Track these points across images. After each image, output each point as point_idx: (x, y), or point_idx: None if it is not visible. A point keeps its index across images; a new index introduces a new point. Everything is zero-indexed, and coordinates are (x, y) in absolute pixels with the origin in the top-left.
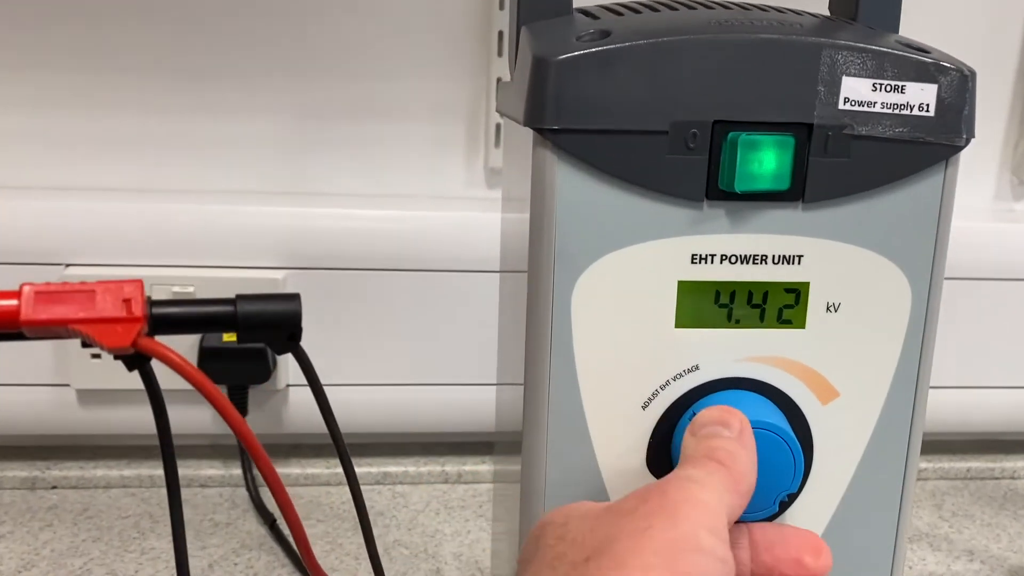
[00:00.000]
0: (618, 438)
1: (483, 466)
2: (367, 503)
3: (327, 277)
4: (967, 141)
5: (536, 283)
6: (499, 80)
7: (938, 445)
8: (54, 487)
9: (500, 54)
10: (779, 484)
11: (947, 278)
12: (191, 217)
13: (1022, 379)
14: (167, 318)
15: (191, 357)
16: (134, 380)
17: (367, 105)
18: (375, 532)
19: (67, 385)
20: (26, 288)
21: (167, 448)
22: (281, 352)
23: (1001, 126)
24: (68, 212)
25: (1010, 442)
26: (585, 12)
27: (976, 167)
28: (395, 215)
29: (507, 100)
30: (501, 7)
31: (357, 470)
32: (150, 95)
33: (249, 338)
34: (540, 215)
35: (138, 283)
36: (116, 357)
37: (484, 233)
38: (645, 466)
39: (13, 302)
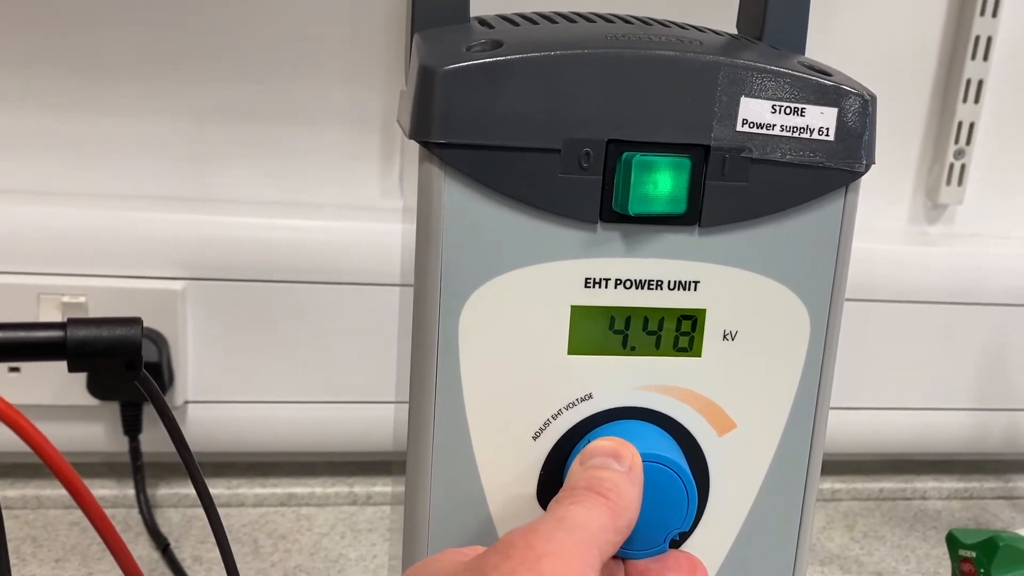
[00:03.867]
0: (507, 468)
1: (392, 487)
2: (270, 526)
3: (230, 288)
4: (867, 167)
5: (422, 304)
6: (401, 93)
7: (851, 466)
8: None
9: None
10: (671, 521)
11: (862, 300)
12: (84, 222)
13: (934, 400)
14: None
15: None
16: (21, 394)
17: (276, 109)
18: (275, 557)
19: None
20: None
21: None
22: (121, 383)
23: (915, 150)
24: None
25: (921, 462)
26: (482, 21)
27: (891, 190)
28: (304, 224)
29: (403, 110)
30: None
31: (261, 491)
32: (40, 91)
33: (81, 367)
34: (426, 233)
35: None
36: None
37: (396, 244)
38: (535, 497)
39: None
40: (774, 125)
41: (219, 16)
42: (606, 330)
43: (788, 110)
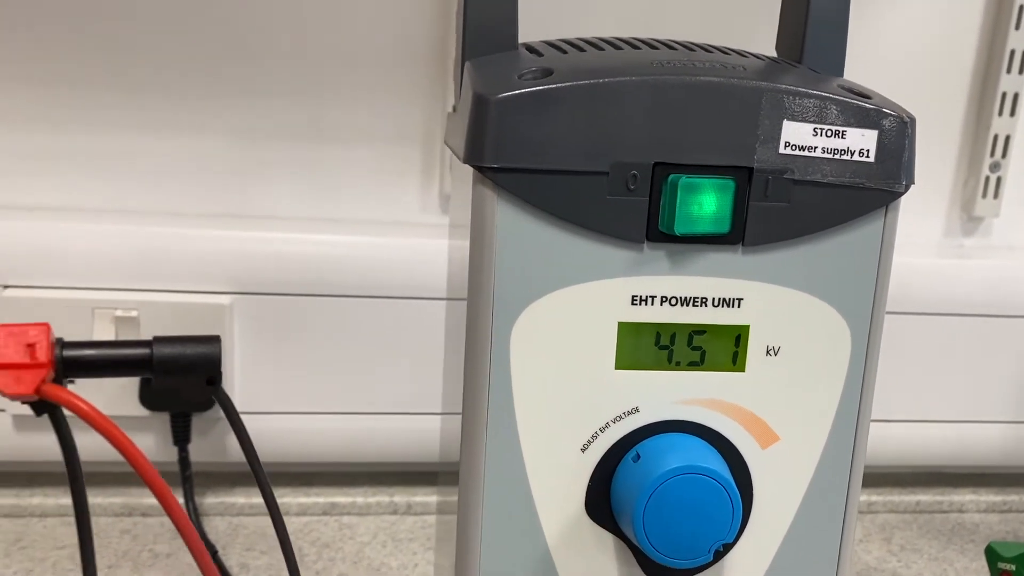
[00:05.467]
0: (556, 479)
1: (432, 497)
2: (313, 535)
3: (276, 303)
4: (907, 187)
5: (475, 321)
6: (448, 116)
7: (888, 478)
8: None
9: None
10: (715, 532)
11: (898, 312)
12: (135, 239)
13: (971, 413)
14: (78, 361)
15: (134, 382)
16: None
17: (321, 128)
18: (319, 565)
19: (3, 410)
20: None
21: (78, 496)
22: (199, 398)
23: (951, 163)
24: (7, 231)
25: (958, 475)
26: (530, 48)
27: (927, 203)
28: (346, 240)
29: (452, 133)
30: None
31: (304, 500)
32: (92, 112)
33: (166, 382)
34: (480, 253)
35: (44, 327)
36: (23, 403)
37: (438, 259)
38: (583, 508)
39: (17, 356)
40: (816, 147)
41: (264, 39)
42: (652, 346)
43: (829, 132)
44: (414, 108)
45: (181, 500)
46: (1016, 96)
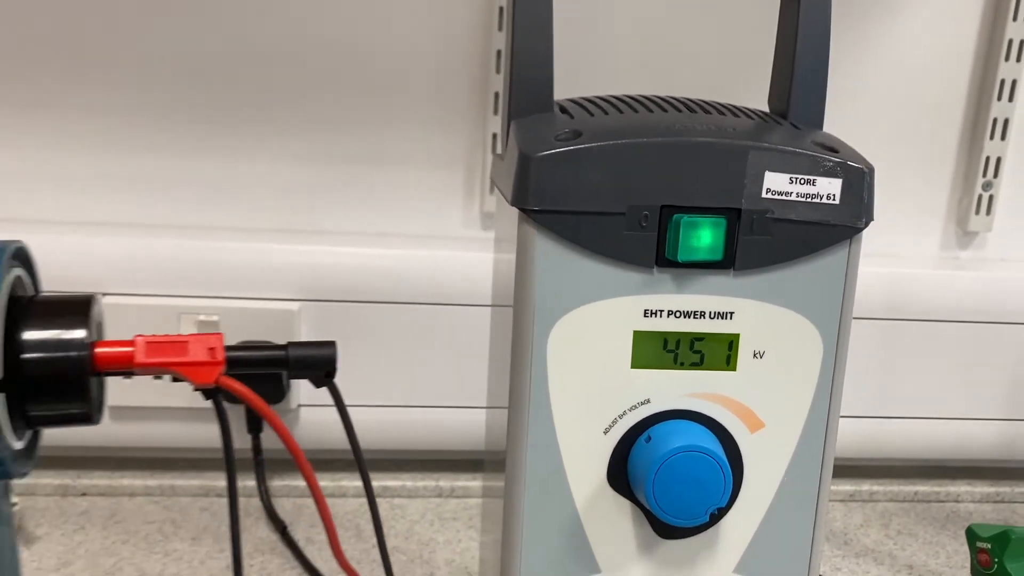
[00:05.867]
0: (584, 456)
1: (474, 482)
2: (369, 514)
3: (337, 308)
4: (866, 224)
5: (519, 331)
6: (495, 154)
7: (889, 470)
8: (84, 494)
9: (495, 112)
10: (710, 498)
11: (899, 319)
12: (216, 252)
13: (966, 411)
14: (239, 360)
15: None
16: (160, 399)
17: (378, 154)
18: (375, 539)
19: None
20: (139, 339)
21: (230, 462)
22: (319, 386)
23: (947, 182)
24: (105, 246)
25: (955, 468)
26: (563, 108)
27: (926, 219)
28: (399, 253)
29: (499, 174)
30: (498, 71)
31: (359, 484)
32: (187, 141)
33: (296, 375)
34: (523, 277)
35: (219, 336)
36: (196, 389)
37: (478, 270)
38: (606, 481)
39: (129, 349)
40: (791, 193)
41: (331, 80)
42: (661, 350)
43: (802, 181)
44: (458, 139)
45: (252, 483)
46: (1007, 121)
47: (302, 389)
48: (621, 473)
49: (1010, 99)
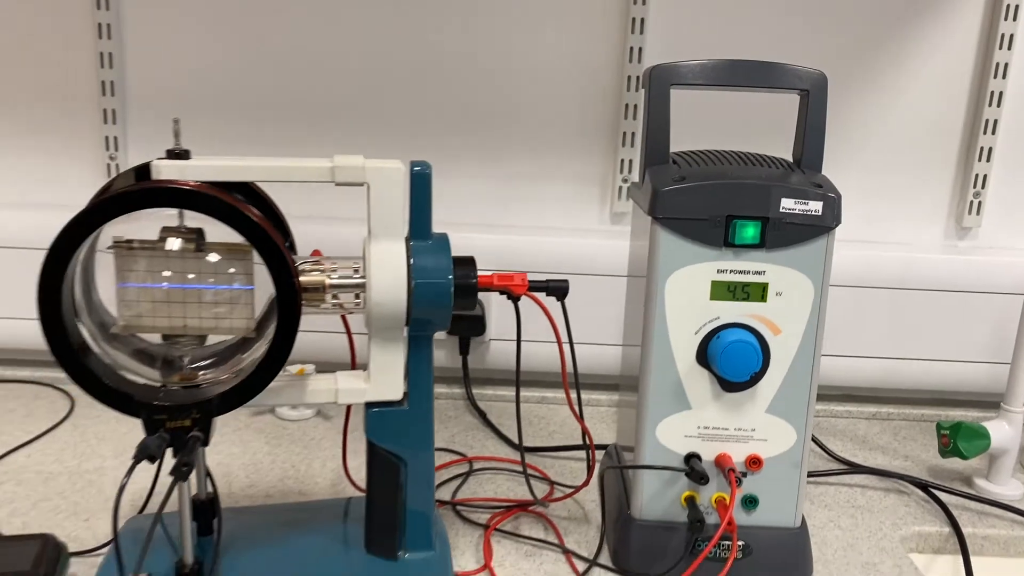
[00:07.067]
0: (683, 347)
1: (604, 396)
2: (534, 413)
3: None
4: (837, 225)
5: (651, 282)
6: (632, 182)
7: (902, 400)
8: None
9: (623, 144)
10: (751, 368)
11: (910, 289)
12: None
13: (960, 356)
14: (534, 285)
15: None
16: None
17: (540, 173)
18: (538, 427)
19: None
20: (495, 275)
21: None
22: (560, 300)
23: (947, 191)
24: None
25: (951, 400)
26: (674, 160)
27: (932, 218)
28: (556, 240)
29: (637, 195)
30: (625, 117)
31: (526, 393)
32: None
33: (555, 294)
34: (652, 252)
35: (524, 274)
36: (511, 298)
37: (610, 252)
38: (695, 359)
39: (519, 282)
40: (795, 209)
41: (510, 119)
42: (725, 290)
43: (801, 202)
44: (596, 161)
45: (460, 389)
46: (991, 150)
47: (494, 326)
48: (703, 354)
49: (993, 133)
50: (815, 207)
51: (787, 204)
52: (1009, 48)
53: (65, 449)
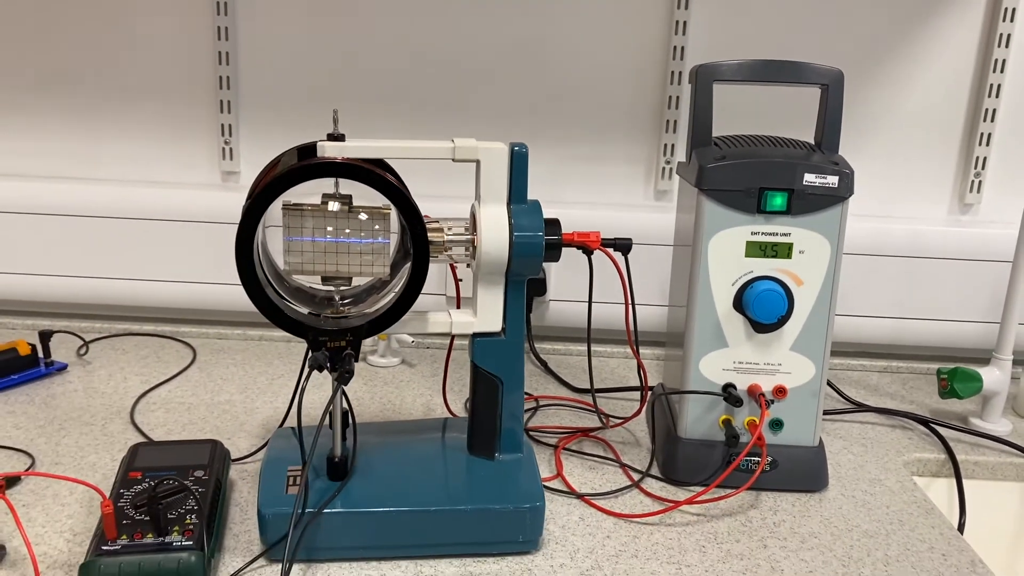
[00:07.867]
0: (723, 296)
1: (650, 350)
2: (583, 363)
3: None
4: (850, 195)
5: (696, 242)
6: (680, 161)
7: (910, 355)
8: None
9: (666, 130)
10: (778, 312)
11: (919, 257)
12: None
13: (961, 315)
14: (605, 242)
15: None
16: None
17: (595, 155)
18: (597, 374)
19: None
20: (576, 232)
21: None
22: (625, 255)
23: (951, 173)
24: None
25: (953, 356)
26: (716, 143)
27: (937, 196)
28: (607, 214)
29: (684, 171)
30: (668, 107)
31: (578, 347)
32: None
33: (620, 251)
34: (699, 217)
35: (597, 233)
36: (585, 251)
37: (655, 224)
38: (732, 306)
39: (594, 238)
40: (815, 182)
41: (567, 107)
42: (758, 249)
43: (821, 177)
44: (643, 145)
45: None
46: (990, 135)
47: (553, 287)
48: (739, 302)
49: (992, 120)
50: (832, 181)
51: (809, 178)
52: (1007, 46)
53: (198, 386)
